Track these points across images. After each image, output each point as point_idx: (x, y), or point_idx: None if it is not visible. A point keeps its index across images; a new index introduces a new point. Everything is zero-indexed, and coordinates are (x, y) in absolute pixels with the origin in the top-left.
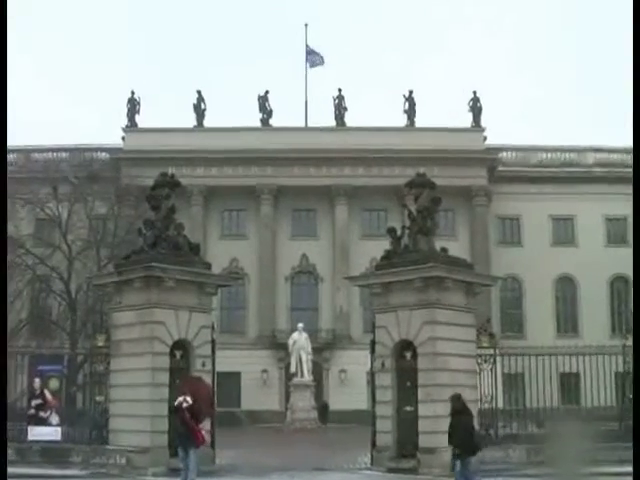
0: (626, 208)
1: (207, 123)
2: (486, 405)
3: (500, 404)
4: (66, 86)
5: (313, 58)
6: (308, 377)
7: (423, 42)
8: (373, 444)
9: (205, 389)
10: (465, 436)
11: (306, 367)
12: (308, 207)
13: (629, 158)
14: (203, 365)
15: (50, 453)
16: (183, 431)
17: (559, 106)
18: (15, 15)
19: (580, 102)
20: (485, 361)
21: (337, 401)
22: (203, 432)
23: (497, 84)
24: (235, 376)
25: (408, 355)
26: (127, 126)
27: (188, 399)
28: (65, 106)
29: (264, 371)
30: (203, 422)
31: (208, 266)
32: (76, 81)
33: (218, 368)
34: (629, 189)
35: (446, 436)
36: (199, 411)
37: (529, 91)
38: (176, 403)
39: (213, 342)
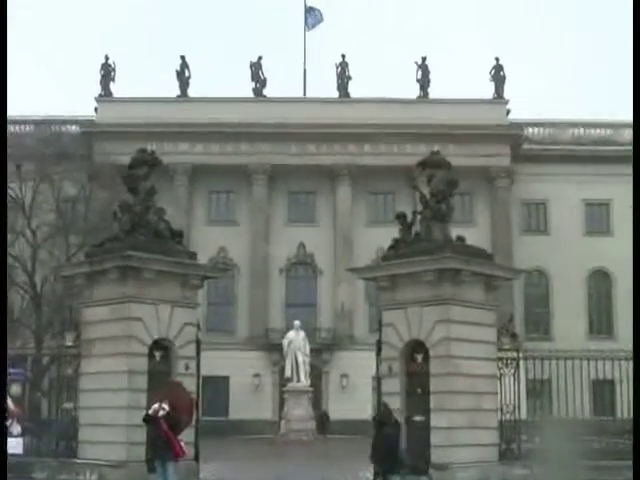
0: None
1: (192, 93)
2: (507, 416)
3: (523, 414)
4: (37, 53)
5: (312, 17)
6: (305, 382)
7: (438, 2)
8: None
9: (185, 396)
10: (388, 452)
11: (303, 371)
12: (306, 189)
13: None
14: (186, 368)
15: (11, 468)
16: (160, 443)
17: (591, 79)
18: None
19: (614, 74)
20: (507, 365)
21: (338, 409)
22: (182, 443)
23: (521, 53)
24: (223, 381)
25: (419, 358)
26: (100, 95)
27: (165, 406)
28: (34, 76)
29: (255, 375)
30: (182, 433)
31: (193, 255)
32: (47, 47)
33: (203, 371)
34: None
35: (463, 450)
36: (178, 420)
37: (556, 61)
38: (151, 411)
39: (198, 342)
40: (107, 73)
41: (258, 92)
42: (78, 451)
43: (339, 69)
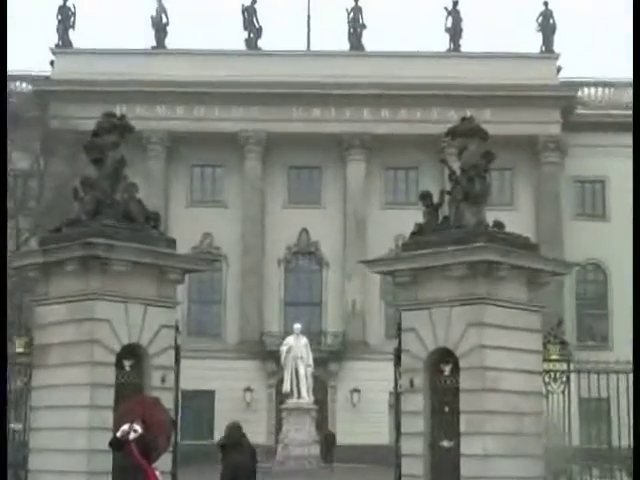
0: None
1: (171, 44)
2: (555, 442)
3: (576, 440)
4: None
5: None
6: (307, 398)
7: None
8: None
9: (161, 414)
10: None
11: (305, 385)
12: (310, 164)
13: None
14: (163, 381)
15: None
16: (130, 472)
17: None
18: None
19: None
20: (554, 380)
21: (347, 432)
22: (157, 473)
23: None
24: (207, 396)
25: (447, 369)
26: (57, 46)
27: (137, 427)
28: None
29: (247, 390)
30: (157, 460)
31: (172, 243)
32: None
33: (184, 385)
34: None
35: None
36: (153, 445)
37: (617, 6)
38: (119, 433)
39: (177, 349)
40: (65, 18)
41: (252, 44)
42: None
43: (350, 16)
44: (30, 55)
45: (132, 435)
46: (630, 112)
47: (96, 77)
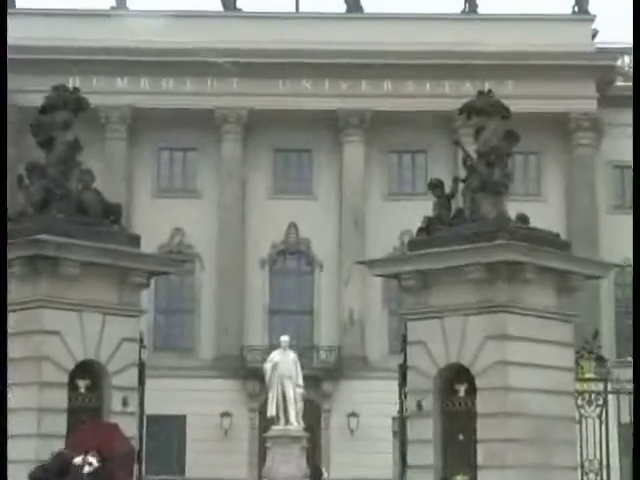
0: None
1: (134, 4)
2: (591, 476)
3: (615, 475)
4: None
5: None
6: (297, 424)
7: None
8: None
9: (122, 444)
10: None
11: (293, 408)
12: (299, 146)
13: None
14: (124, 404)
15: None
16: None
17: None
18: None
19: None
20: (589, 403)
21: (343, 464)
22: None
23: None
24: (177, 422)
25: (461, 390)
26: None
27: (92, 460)
28: None
29: (225, 414)
30: None
31: (135, 241)
32: None
33: (149, 409)
34: None
35: None
36: (111, 479)
37: None
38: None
39: (141, 366)
40: None
41: (229, 4)
42: None
43: None
44: None
45: (87, 469)
46: None
47: (44, 43)
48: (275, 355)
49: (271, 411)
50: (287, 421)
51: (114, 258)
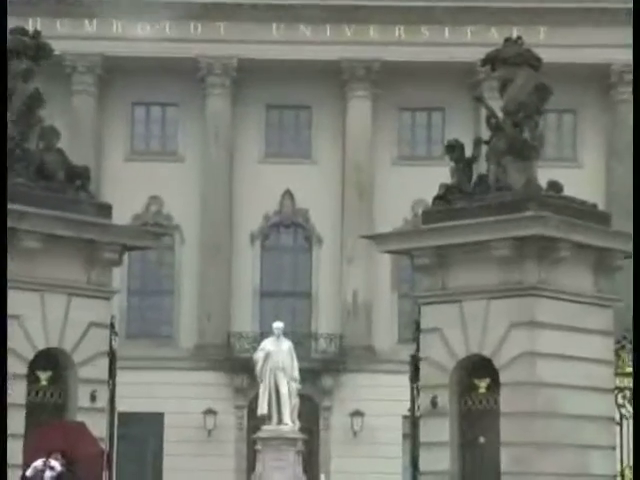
0: None
1: None
2: None
3: None
4: None
5: None
6: (292, 424)
7: None
8: None
9: (90, 446)
10: None
11: (288, 405)
12: (297, 102)
13: None
14: (92, 399)
15: None
16: None
17: None
18: None
19: None
20: (631, 401)
21: (346, 471)
22: None
23: None
24: (153, 421)
25: (482, 385)
26: None
27: (54, 464)
28: None
29: (208, 412)
30: None
31: (106, 211)
32: None
33: (121, 406)
34: None
35: None
36: None
37: None
38: (29, 472)
39: (113, 356)
40: None
41: None
42: None
43: None
44: None
45: (48, 474)
46: None
47: None
48: (267, 344)
49: (262, 409)
50: (280, 420)
51: (81, 230)
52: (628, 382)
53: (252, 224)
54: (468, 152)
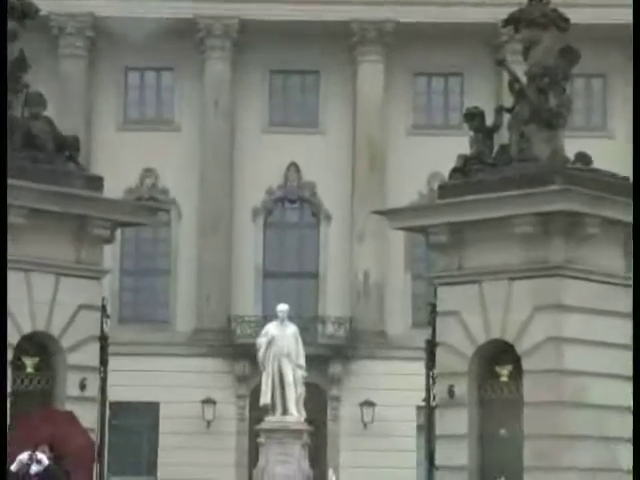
0: None
1: None
2: None
3: None
4: None
5: None
6: (297, 415)
7: None
8: None
9: (79, 437)
10: None
11: (293, 395)
12: (303, 67)
13: None
14: (82, 387)
15: None
16: None
17: None
18: None
19: None
20: None
21: (356, 465)
22: None
23: None
24: (148, 411)
25: (503, 373)
26: None
27: (41, 457)
28: None
29: (207, 402)
30: None
31: (96, 183)
32: None
33: (113, 395)
34: None
35: None
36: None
37: None
38: (14, 466)
39: (104, 340)
40: None
41: None
42: None
43: None
44: None
45: (34, 469)
46: None
47: None
48: (271, 328)
49: (265, 398)
50: (285, 411)
51: (70, 204)
52: None
53: (254, 199)
54: (489, 120)
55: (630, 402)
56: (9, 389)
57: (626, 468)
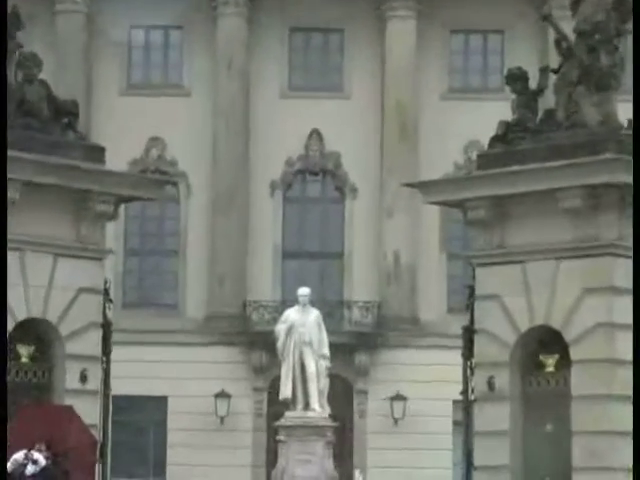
0: None
1: None
2: None
3: None
4: None
5: None
6: (320, 410)
7: None
8: None
9: (79, 434)
10: None
11: (316, 388)
12: (326, 24)
13: None
14: (83, 379)
15: None
16: None
17: None
18: None
19: None
20: None
21: (385, 465)
22: None
23: None
24: (155, 406)
25: (549, 363)
26: None
27: (38, 456)
28: None
29: (220, 395)
30: None
31: (98, 154)
32: None
33: (116, 388)
34: None
35: None
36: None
37: None
38: (10, 466)
39: (107, 328)
40: None
41: None
42: None
43: None
44: None
45: (30, 469)
46: None
47: None
48: (291, 314)
49: (285, 391)
50: (307, 405)
51: (68, 177)
52: None
53: (272, 171)
54: (533, 83)
55: None
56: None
57: None
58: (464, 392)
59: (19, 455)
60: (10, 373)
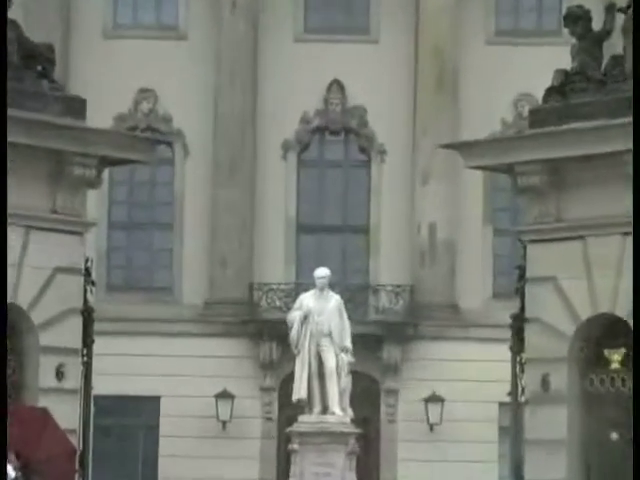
0: None
1: None
2: None
3: None
4: None
5: None
6: (341, 414)
7: None
8: None
9: (55, 440)
10: None
11: (336, 387)
12: None
13: None
14: (59, 376)
15: None
16: None
17: None
18: None
19: None
20: None
21: (418, 477)
22: None
23: None
24: (146, 408)
25: (615, 359)
26: None
27: (7, 468)
28: None
29: (223, 396)
30: None
31: (77, 108)
32: None
33: (101, 386)
34: None
35: None
36: None
37: None
38: None
39: (88, 314)
40: None
41: None
42: None
43: None
44: None
45: None
46: None
47: None
48: (306, 300)
49: (299, 392)
50: (325, 408)
51: (42, 136)
52: None
53: (285, 129)
54: (597, 24)
55: None
56: None
57: None
58: (513, 393)
59: None
60: None
